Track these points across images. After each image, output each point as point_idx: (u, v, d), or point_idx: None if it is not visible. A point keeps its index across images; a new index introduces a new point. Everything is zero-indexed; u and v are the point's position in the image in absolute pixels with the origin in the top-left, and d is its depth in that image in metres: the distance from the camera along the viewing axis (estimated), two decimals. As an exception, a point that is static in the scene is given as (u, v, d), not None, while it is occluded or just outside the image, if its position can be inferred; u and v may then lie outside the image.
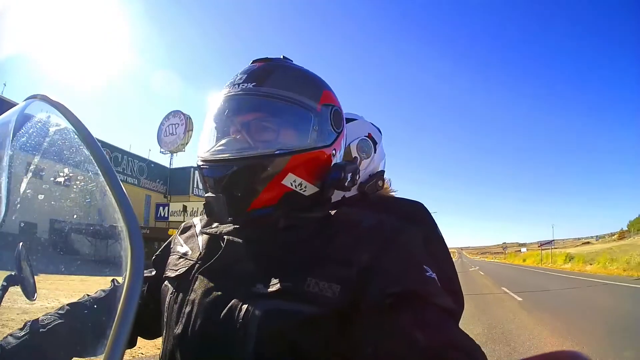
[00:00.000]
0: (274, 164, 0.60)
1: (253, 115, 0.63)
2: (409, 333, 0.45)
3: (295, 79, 0.67)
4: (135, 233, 0.31)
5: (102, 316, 0.45)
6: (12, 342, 0.59)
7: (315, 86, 0.68)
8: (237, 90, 0.63)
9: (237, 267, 0.59)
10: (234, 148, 0.62)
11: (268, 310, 0.52)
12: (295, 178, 0.62)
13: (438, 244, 0.84)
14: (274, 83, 0.63)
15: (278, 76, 0.65)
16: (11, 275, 0.62)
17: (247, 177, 0.60)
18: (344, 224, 0.61)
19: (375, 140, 1.05)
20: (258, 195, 0.60)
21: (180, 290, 0.62)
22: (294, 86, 0.64)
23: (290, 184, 0.62)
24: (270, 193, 0.61)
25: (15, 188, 0.55)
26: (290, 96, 0.63)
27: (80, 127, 0.37)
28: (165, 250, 0.77)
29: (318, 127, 0.64)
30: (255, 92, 0.62)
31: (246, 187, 0.60)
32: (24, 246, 0.64)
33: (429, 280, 0.54)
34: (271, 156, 0.60)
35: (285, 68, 0.68)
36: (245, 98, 0.63)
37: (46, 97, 0.42)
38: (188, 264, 0.66)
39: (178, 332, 0.57)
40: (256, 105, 0.63)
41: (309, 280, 0.53)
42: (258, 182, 0.60)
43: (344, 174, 0.65)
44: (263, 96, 0.62)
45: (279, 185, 0.61)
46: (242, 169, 0.60)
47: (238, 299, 0.54)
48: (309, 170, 0.63)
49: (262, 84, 0.63)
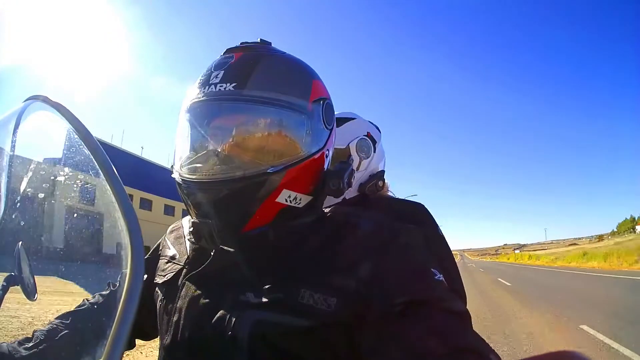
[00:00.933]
0: (268, 183, 0.54)
1: (236, 124, 0.55)
2: (421, 342, 0.43)
3: (281, 73, 0.58)
4: (135, 233, 0.31)
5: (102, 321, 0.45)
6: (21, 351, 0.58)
7: (304, 79, 0.59)
8: (215, 92, 0.54)
9: (226, 275, 0.55)
10: (220, 168, 0.54)
11: (258, 320, 0.49)
12: (290, 193, 0.56)
13: (440, 244, 0.83)
14: (258, 83, 0.54)
15: (261, 73, 0.55)
16: (11, 275, 0.62)
17: (238, 201, 0.54)
18: (340, 227, 0.57)
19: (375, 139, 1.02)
20: (251, 217, 0.55)
21: (168, 298, 0.59)
22: (281, 84, 0.56)
23: (285, 200, 0.56)
24: (264, 213, 0.55)
25: (16, 188, 0.55)
26: (278, 99, 0.54)
27: (80, 128, 0.37)
28: (154, 253, 0.75)
29: (311, 130, 0.57)
30: (237, 96, 0.53)
31: (238, 210, 0.54)
32: (23, 246, 0.64)
33: (437, 284, 0.51)
34: (264, 175, 0.53)
35: (268, 60, 0.58)
36: (226, 104, 0.55)
37: (46, 98, 0.42)
38: (175, 268, 0.63)
39: (167, 342, 0.56)
40: (239, 113, 0.55)
41: (303, 292, 0.50)
42: (251, 204, 0.54)
43: (342, 183, 0.60)
44: (247, 101, 0.54)
45: (273, 203, 0.55)
46: (233, 192, 0.53)
47: (227, 308, 0.51)
48: (304, 181, 0.58)
49: (244, 85, 0.54)
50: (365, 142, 0.99)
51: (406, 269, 0.51)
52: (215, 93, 0.54)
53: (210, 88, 0.55)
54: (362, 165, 0.98)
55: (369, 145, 1.00)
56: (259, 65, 0.56)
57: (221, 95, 0.54)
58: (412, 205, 0.88)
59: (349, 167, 0.64)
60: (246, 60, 0.57)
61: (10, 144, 0.52)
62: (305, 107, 0.57)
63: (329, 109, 0.62)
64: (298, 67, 0.61)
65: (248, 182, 0.53)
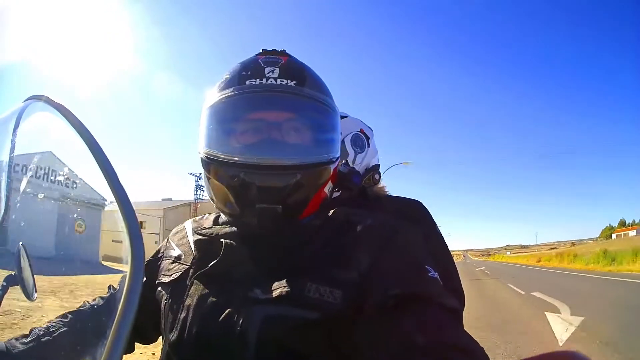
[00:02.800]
0: (327, 171, 0.59)
1: (296, 116, 0.59)
2: (410, 335, 0.45)
3: (322, 82, 0.64)
4: (135, 233, 0.31)
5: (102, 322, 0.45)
6: (19, 346, 0.58)
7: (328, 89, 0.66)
8: (277, 85, 0.57)
9: (235, 272, 0.56)
10: (292, 153, 0.57)
11: (267, 316, 0.50)
12: (330, 185, 0.62)
13: (437, 241, 0.84)
14: (312, 85, 0.60)
15: (312, 77, 0.62)
16: (11, 275, 0.62)
17: (308, 185, 0.57)
18: (342, 225, 0.60)
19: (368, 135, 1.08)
20: (308, 203, 0.59)
21: (175, 296, 0.60)
22: (325, 90, 0.63)
23: (328, 191, 0.62)
24: (316, 200, 0.60)
25: (16, 188, 0.55)
26: (327, 100, 0.61)
27: (81, 128, 0.37)
28: (156, 255, 0.75)
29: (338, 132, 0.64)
30: (300, 92, 0.58)
31: (303, 196, 0.58)
32: (23, 246, 0.64)
33: (431, 280, 0.52)
34: (329, 163, 0.59)
35: (309, 68, 0.64)
36: (290, 97, 0.58)
37: (47, 97, 0.42)
38: (182, 268, 0.63)
39: (173, 339, 0.56)
40: (303, 107, 0.59)
41: (309, 286, 0.51)
42: (313, 190, 0.59)
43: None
44: (309, 98, 0.59)
45: (322, 192, 0.61)
46: (306, 176, 0.56)
47: (236, 305, 0.52)
48: (335, 175, 0.64)
49: (303, 84, 0.59)
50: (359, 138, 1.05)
51: (402, 264, 0.53)
52: (278, 86, 0.57)
53: (270, 80, 0.58)
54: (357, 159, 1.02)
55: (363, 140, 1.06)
56: (307, 71, 0.62)
57: (286, 88, 0.58)
58: (410, 202, 0.89)
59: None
60: (296, 64, 0.63)
61: (10, 144, 0.52)
62: (338, 112, 0.64)
63: None
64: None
65: (316, 169, 0.58)
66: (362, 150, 1.04)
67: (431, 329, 0.46)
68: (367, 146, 1.06)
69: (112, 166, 0.34)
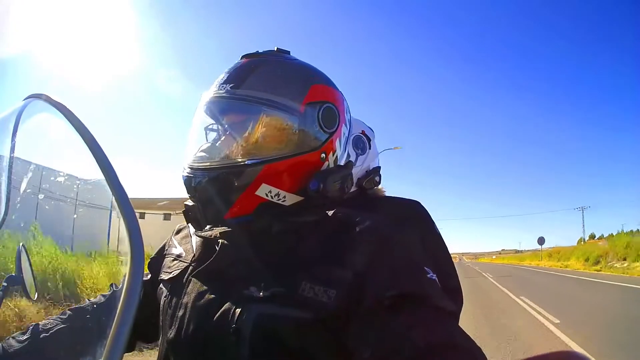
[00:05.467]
0: (245, 174, 0.57)
1: (227, 119, 0.62)
2: (406, 334, 0.44)
3: (278, 77, 0.62)
4: (135, 233, 0.31)
5: (102, 320, 0.45)
6: (15, 344, 0.58)
7: (301, 83, 0.63)
8: (216, 91, 0.62)
9: (231, 270, 0.57)
10: (206, 156, 0.61)
11: (262, 314, 0.51)
12: (270, 188, 0.58)
13: (436, 242, 0.84)
14: (252, 84, 0.60)
15: (259, 75, 0.61)
16: (11, 275, 0.62)
17: (218, 188, 0.58)
18: (339, 225, 0.59)
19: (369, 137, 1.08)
20: (231, 205, 0.59)
21: (174, 293, 0.61)
22: (275, 86, 0.60)
23: (265, 195, 0.58)
24: (244, 203, 0.59)
25: (16, 188, 0.55)
26: (266, 98, 0.59)
27: (81, 128, 0.37)
28: (160, 252, 0.76)
29: (300, 131, 0.60)
30: (231, 94, 0.60)
31: (218, 197, 0.59)
32: (23, 246, 0.64)
33: (428, 281, 0.52)
34: (242, 166, 0.58)
35: (271, 64, 0.63)
36: (221, 101, 0.62)
37: (46, 96, 0.42)
38: (181, 266, 0.64)
39: (171, 336, 0.56)
40: (230, 109, 0.62)
41: (304, 285, 0.51)
42: (230, 192, 0.58)
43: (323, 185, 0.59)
44: (237, 99, 0.60)
45: (252, 195, 0.58)
46: (213, 179, 0.59)
47: (231, 303, 0.53)
48: (288, 179, 0.60)
49: (239, 86, 0.60)
50: (361, 139, 1.05)
51: (399, 264, 0.53)
52: (216, 92, 0.62)
53: (215, 88, 0.62)
54: (359, 160, 1.02)
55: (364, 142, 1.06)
56: (258, 69, 0.62)
57: (220, 94, 0.61)
58: (408, 203, 0.89)
59: (342, 171, 0.64)
60: (250, 65, 0.63)
61: (10, 144, 0.52)
62: (295, 108, 0.60)
63: (329, 113, 0.63)
64: (298, 71, 0.65)
65: (226, 171, 0.59)
66: (363, 152, 1.04)
67: (427, 328, 0.46)
68: (369, 148, 1.05)
69: (112, 165, 0.34)
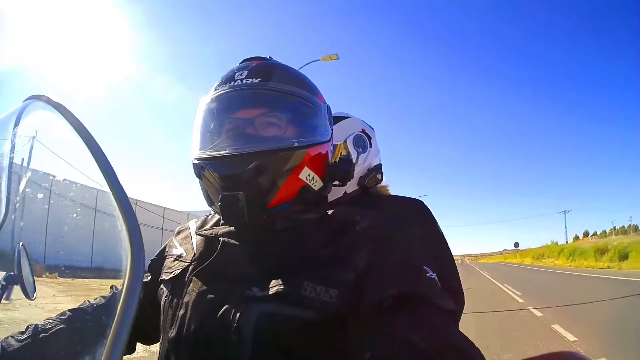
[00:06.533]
0: (294, 156, 0.60)
1: (263, 109, 0.62)
2: (405, 335, 0.44)
3: (294, 76, 0.67)
4: (135, 233, 0.31)
5: (102, 321, 0.45)
6: (14, 344, 0.58)
7: (311, 83, 0.69)
8: (242, 85, 0.62)
9: (233, 269, 0.57)
10: (250, 142, 0.59)
11: (263, 314, 0.51)
12: (309, 172, 0.62)
13: (438, 241, 0.84)
14: (279, 78, 0.63)
15: (280, 72, 0.65)
16: (11, 275, 0.62)
17: (269, 172, 0.58)
18: (341, 224, 0.60)
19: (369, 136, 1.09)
20: (277, 191, 0.59)
21: (175, 293, 0.61)
22: (296, 82, 0.65)
23: (306, 178, 0.62)
24: (289, 187, 0.60)
25: (15, 188, 0.55)
26: (296, 91, 0.64)
27: (81, 128, 0.37)
28: (161, 254, 0.76)
29: (321, 122, 0.66)
30: (263, 86, 0.62)
31: (268, 182, 0.58)
32: (23, 246, 0.64)
33: (428, 281, 0.52)
34: (292, 148, 0.60)
35: (281, 65, 0.68)
36: (254, 92, 0.62)
37: (47, 97, 0.42)
38: (182, 265, 0.64)
39: (172, 336, 0.56)
40: (265, 100, 0.62)
41: (306, 284, 0.52)
42: (279, 176, 0.59)
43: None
44: (272, 91, 0.62)
45: (296, 179, 0.61)
46: (265, 162, 0.58)
47: (233, 302, 0.53)
48: (319, 164, 0.64)
49: (268, 79, 0.62)
50: (361, 138, 1.06)
51: (399, 264, 0.53)
52: (243, 85, 0.62)
53: (236, 82, 0.62)
54: (360, 159, 1.03)
55: (365, 140, 1.06)
56: (277, 68, 0.66)
57: (249, 86, 0.62)
58: (411, 202, 0.89)
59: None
60: (266, 65, 0.66)
61: (10, 144, 0.52)
62: (317, 102, 0.66)
63: (330, 113, 0.71)
64: (304, 75, 0.71)
65: (278, 154, 0.59)
66: (364, 151, 1.04)
67: (426, 329, 0.46)
68: (369, 146, 1.06)
69: (111, 166, 0.34)
